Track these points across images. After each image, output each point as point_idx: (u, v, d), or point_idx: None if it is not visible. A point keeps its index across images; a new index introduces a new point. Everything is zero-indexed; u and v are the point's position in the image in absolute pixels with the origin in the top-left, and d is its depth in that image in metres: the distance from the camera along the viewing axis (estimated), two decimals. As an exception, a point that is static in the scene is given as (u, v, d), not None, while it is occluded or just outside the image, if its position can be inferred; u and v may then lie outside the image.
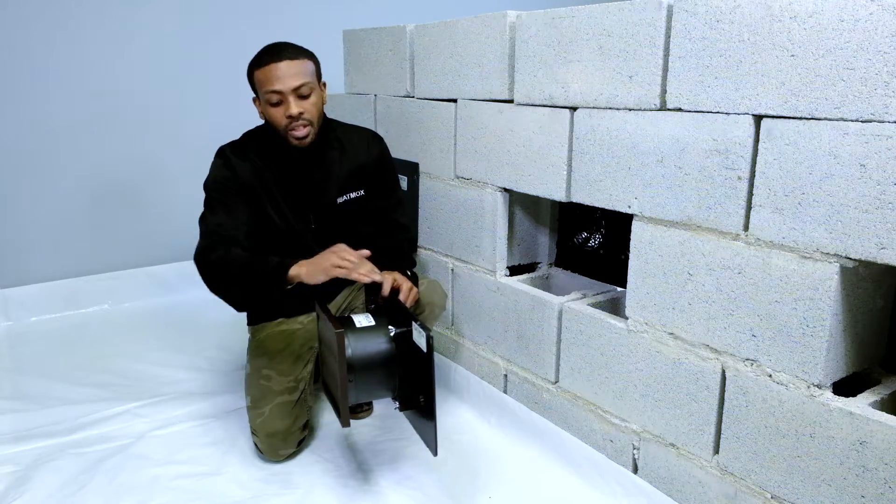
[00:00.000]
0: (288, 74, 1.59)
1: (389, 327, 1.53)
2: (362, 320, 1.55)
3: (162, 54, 2.87)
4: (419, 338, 1.42)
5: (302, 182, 1.75)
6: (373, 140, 1.88)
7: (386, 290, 1.59)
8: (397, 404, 1.56)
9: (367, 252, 1.56)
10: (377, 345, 1.52)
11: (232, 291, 1.62)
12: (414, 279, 1.73)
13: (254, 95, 1.69)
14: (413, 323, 1.45)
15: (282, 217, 1.75)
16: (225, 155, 1.72)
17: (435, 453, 1.45)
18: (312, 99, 1.64)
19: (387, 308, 1.60)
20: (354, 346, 1.49)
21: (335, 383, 1.48)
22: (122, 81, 2.81)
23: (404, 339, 1.50)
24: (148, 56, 2.84)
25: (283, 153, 1.72)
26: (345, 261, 1.50)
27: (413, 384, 1.50)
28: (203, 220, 1.69)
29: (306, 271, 1.51)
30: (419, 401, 1.48)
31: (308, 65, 1.64)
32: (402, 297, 1.61)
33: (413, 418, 1.57)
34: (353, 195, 1.82)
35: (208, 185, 1.71)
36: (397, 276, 1.63)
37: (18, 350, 2.42)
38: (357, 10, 3.29)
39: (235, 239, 1.63)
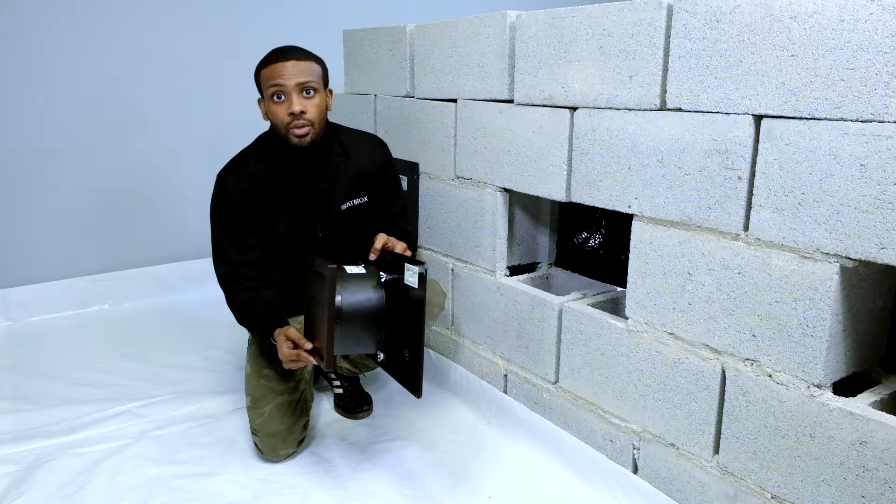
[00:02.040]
0: (293, 72, 1.60)
1: (381, 273, 1.50)
2: (353, 269, 1.52)
3: (163, 55, 2.87)
4: (411, 276, 1.37)
5: (307, 190, 1.75)
6: (377, 146, 1.88)
7: (378, 245, 1.56)
8: (381, 356, 1.53)
9: (307, 346, 1.54)
10: (366, 291, 1.48)
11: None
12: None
13: (259, 97, 1.69)
14: (405, 264, 1.41)
15: (287, 227, 1.75)
16: (222, 181, 1.72)
17: (419, 395, 1.41)
18: (316, 100, 1.64)
19: (378, 263, 1.57)
20: (343, 293, 1.45)
21: (321, 328, 1.44)
22: (122, 83, 2.81)
23: (395, 289, 1.47)
24: (149, 57, 2.84)
25: (288, 158, 1.71)
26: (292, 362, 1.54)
27: (400, 337, 1.47)
28: (214, 263, 1.75)
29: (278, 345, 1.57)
30: (404, 356, 1.45)
31: (315, 67, 1.64)
32: (397, 250, 1.57)
33: (394, 368, 1.52)
34: (356, 202, 1.82)
35: (211, 216, 1.74)
36: (391, 237, 1.60)
37: (18, 350, 2.42)
38: (357, 10, 3.29)
39: (245, 280, 1.71)
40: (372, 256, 1.57)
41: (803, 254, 1.17)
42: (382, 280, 1.50)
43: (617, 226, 1.88)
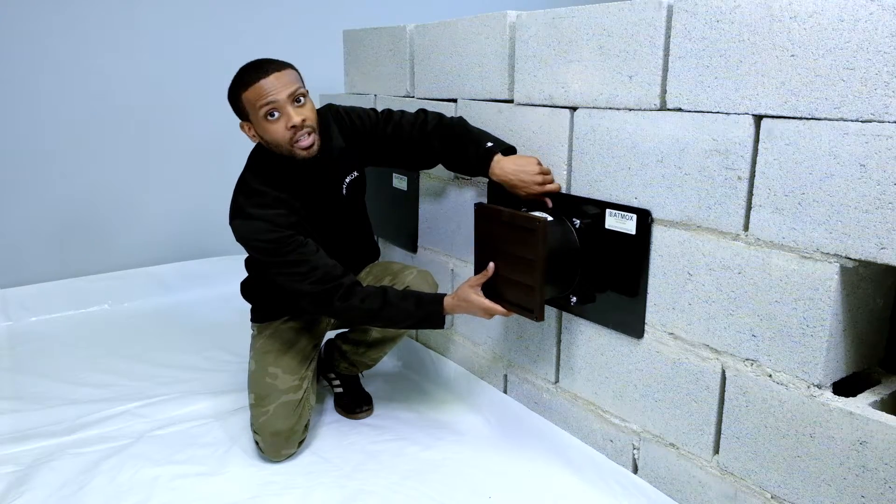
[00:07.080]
0: (279, 85, 1.52)
1: (574, 220, 1.55)
2: (544, 216, 1.55)
3: (161, 53, 2.88)
4: (618, 221, 1.42)
5: (316, 194, 1.71)
6: (327, 117, 1.76)
7: (549, 202, 1.62)
8: (574, 300, 1.58)
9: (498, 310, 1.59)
10: (565, 241, 1.54)
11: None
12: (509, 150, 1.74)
13: (241, 121, 1.61)
14: (608, 210, 1.47)
15: (316, 229, 1.71)
16: (258, 217, 1.59)
17: (641, 335, 1.47)
18: (309, 105, 1.58)
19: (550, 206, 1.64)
20: (548, 245, 1.48)
21: (525, 279, 1.48)
22: (119, 82, 2.81)
23: (588, 232, 1.53)
24: (147, 55, 2.85)
25: (295, 172, 1.65)
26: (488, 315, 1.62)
27: (593, 278, 1.55)
28: (303, 290, 1.62)
29: (458, 307, 1.65)
30: (593, 297, 1.55)
31: (294, 73, 1.58)
32: (552, 188, 1.62)
33: (590, 311, 1.58)
34: (348, 179, 1.79)
35: (264, 254, 1.62)
36: (534, 174, 1.62)
37: (18, 350, 2.42)
38: (357, 10, 3.29)
39: (342, 277, 1.63)
40: (549, 203, 1.62)
41: (803, 254, 1.17)
42: (577, 226, 1.55)
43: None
